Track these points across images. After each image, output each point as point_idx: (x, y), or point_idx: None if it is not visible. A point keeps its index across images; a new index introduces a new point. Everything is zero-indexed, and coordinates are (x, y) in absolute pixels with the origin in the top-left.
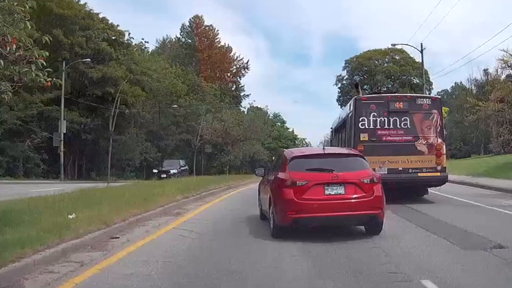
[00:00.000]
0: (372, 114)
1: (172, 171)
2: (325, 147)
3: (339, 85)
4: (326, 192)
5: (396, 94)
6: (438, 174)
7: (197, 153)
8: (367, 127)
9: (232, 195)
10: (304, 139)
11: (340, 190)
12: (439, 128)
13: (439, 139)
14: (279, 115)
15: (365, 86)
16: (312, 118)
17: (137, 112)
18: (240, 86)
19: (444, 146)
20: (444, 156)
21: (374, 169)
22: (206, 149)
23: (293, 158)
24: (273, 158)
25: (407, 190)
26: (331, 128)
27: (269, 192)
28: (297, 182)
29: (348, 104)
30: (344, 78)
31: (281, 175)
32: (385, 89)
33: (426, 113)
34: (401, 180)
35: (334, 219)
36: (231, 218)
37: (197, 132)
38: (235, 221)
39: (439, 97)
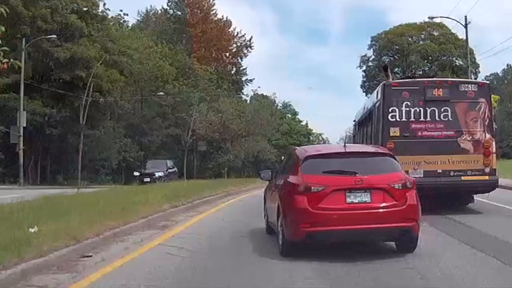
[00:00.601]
0: (404, 103)
1: (157, 174)
2: (346, 144)
3: (364, 67)
4: (348, 200)
5: (435, 78)
6: (486, 177)
7: (189, 152)
8: (398, 119)
9: (232, 203)
10: (320, 134)
11: (365, 197)
12: (487, 120)
13: (487, 134)
14: (290, 105)
15: (396, 69)
16: (330, 108)
17: (115, 101)
18: (241, 69)
19: (494, 143)
20: (494, 155)
21: (407, 172)
22: (200, 146)
23: (307, 158)
24: (283, 158)
25: (447, 197)
26: (354, 121)
27: (277, 200)
28: (312, 187)
29: (375, 92)
30: (370, 59)
31: (292, 179)
32: (421, 72)
33: (471, 102)
34: (440, 185)
35: (358, 233)
36: (230, 232)
37: (188, 126)
38: (235, 235)
39: (487, 82)
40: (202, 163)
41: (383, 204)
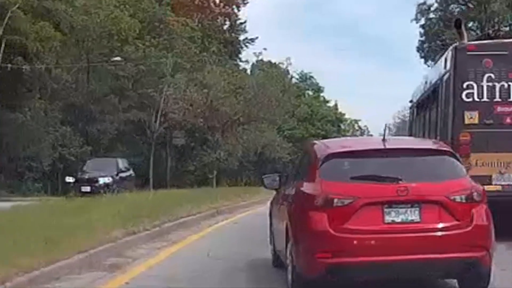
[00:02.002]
0: (486, 76)
1: (102, 181)
2: (387, 137)
3: (423, 21)
4: (388, 218)
5: None
6: None
7: (159, 146)
8: (477, 99)
9: (223, 227)
10: (356, 121)
11: (413, 215)
12: None
13: None
14: (311, 77)
15: (471, 24)
16: (371, 84)
17: (47, 70)
18: (238, 23)
19: None
20: None
21: (489, 177)
22: (176, 139)
23: (329, 157)
24: (297, 156)
25: None
26: (411, 101)
27: (286, 218)
28: (335, 199)
29: (442, 59)
30: (432, 9)
31: (306, 187)
32: (508, 28)
33: None
34: None
35: (402, 267)
36: (220, 273)
37: (157, 108)
38: (228, 277)
39: None
40: (180, 164)
41: (440, 225)
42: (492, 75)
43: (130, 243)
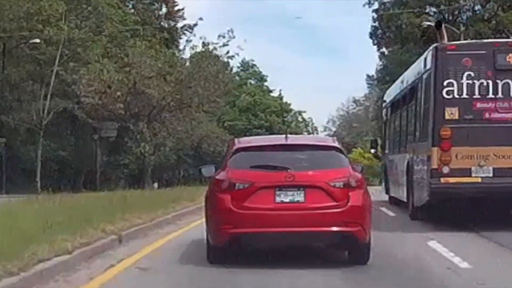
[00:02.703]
0: (466, 74)
1: None
2: (289, 136)
3: (376, 5)
4: (278, 199)
5: (509, 40)
6: None
7: (88, 139)
8: (457, 96)
9: (159, 257)
10: (301, 112)
11: (298, 196)
12: None
13: None
14: (254, 65)
15: (428, 9)
16: (316, 76)
17: None
18: (176, 9)
19: None
20: None
21: (469, 169)
22: (105, 130)
23: (238, 151)
24: None
25: None
26: (384, 101)
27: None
28: (236, 184)
29: (421, 59)
30: None
31: (219, 174)
32: (470, 13)
33: None
34: None
35: (289, 236)
36: None
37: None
38: None
39: None
40: (112, 158)
41: (319, 205)
42: (471, 73)
43: None
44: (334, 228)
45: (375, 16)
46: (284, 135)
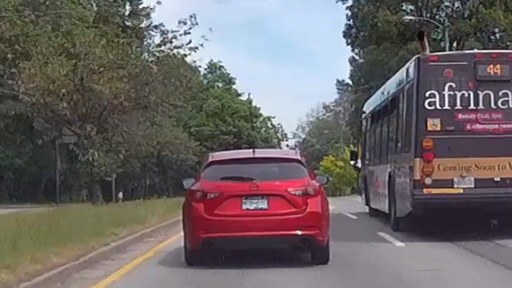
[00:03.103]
0: (447, 85)
1: None
2: (256, 149)
3: (350, 2)
4: (244, 206)
5: (490, 51)
6: None
7: (48, 146)
8: (439, 107)
9: None
10: (270, 118)
11: (262, 204)
12: None
13: None
14: (221, 67)
15: (405, 6)
16: (288, 82)
17: None
18: (141, 8)
19: None
20: None
21: (451, 180)
22: (65, 137)
23: (210, 164)
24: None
25: (507, 216)
26: (364, 112)
27: None
28: (208, 194)
29: (403, 70)
30: None
31: (195, 185)
32: (449, 11)
33: None
34: (498, 199)
35: (255, 240)
36: None
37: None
38: None
39: None
40: (73, 167)
41: (281, 211)
42: (453, 84)
43: None
44: (295, 232)
45: (349, 13)
46: (251, 150)
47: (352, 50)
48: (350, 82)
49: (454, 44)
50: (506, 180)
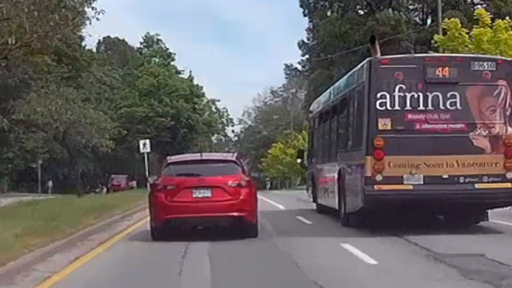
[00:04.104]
0: (397, 86)
1: None
2: (204, 153)
3: None
4: (194, 195)
5: (439, 54)
6: (509, 185)
7: None
8: (389, 108)
9: None
10: (215, 101)
11: (207, 193)
12: (509, 110)
13: (509, 127)
14: (159, 41)
15: None
16: (233, 67)
17: None
18: None
19: None
20: None
21: (401, 177)
22: None
23: (169, 164)
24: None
25: (454, 212)
26: (311, 111)
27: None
28: (167, 186)
29: (354, 71)
30: None
31: (158, 180)
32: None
33: (487, 85)
34: (446, 196)
35: (203, 219)
36: None
37: None
38: None
39: (510, 59)
40: None
41: (221, 198)
42: (403, 86)
43: None
44: (232, 213)
45: None
46: (199, 154)
47: (310, 21)
48: (299, 67)
49: None
50: (453, 178)
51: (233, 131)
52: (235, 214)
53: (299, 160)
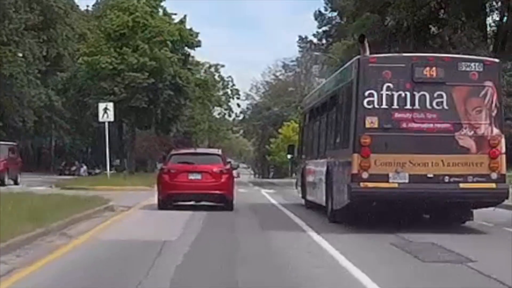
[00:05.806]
0: (385, 85)
1: None
2: (198, 148)
3: None
4: (189, 177)
5: (426, 54)
6: (493, 185)
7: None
8: (377, 106)
9: None
10: (218, 67)
11: (198, 176)
12: (495, 111)
13: (494, 128)
14: None
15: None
16: (241, 46)
17: None
18: None
19: (503, 140)
20: (503, 156)
21: (387, 175)
22: None
23: (173, 155)
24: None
25: (438, 211)
26: (302, 107)
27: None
28: (171, 170)
29: (343, 69)
30: None
31: (164, 166)
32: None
33: (474, 86)
34: (430, 195)
35: (195, 195)
36: None
37: None
38: None
39: (497, 61)
40: None
41: (208, 180)
42: (391, 85)
43: None
44: (216, 192)
45: None
46: (194, 148)
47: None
48: (314, 39)
49: None
50: (439, 177)
51: (238, 105)
52: (218, 192)
53: (289, 156)
